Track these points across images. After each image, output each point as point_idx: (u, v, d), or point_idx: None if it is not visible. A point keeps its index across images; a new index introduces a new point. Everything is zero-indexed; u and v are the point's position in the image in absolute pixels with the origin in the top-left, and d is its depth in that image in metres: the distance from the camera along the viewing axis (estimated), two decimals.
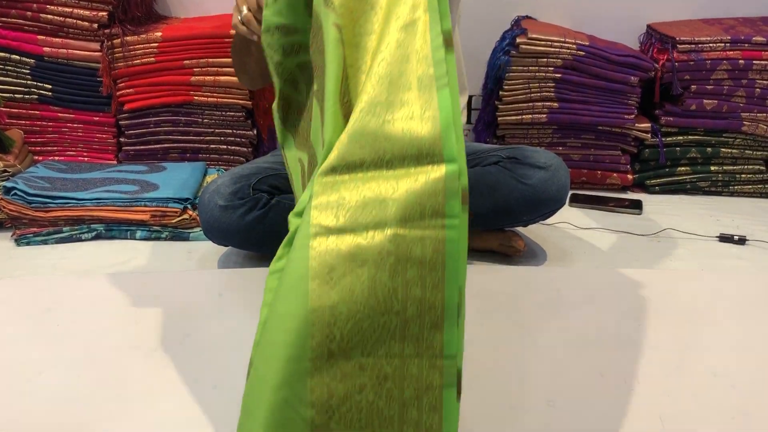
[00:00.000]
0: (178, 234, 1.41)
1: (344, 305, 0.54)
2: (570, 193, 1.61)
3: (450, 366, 0.56)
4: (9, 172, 1.48)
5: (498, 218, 1.28)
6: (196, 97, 1.67)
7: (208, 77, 1.65)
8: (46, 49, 1.63)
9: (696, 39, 1.67)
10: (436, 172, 0.55)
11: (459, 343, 0.56)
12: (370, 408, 0.55)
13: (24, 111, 1.69)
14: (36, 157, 1.71)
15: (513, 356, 0.96)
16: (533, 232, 1.44)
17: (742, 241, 1.41)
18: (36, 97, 1.68)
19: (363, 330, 0.54)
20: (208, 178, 1.60)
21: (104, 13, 1.61)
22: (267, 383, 0.54)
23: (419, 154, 0.56)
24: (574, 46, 1.64)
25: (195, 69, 1.65)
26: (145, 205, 1.40)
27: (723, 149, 1.72)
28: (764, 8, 1.85)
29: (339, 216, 0.55)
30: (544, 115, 1.70)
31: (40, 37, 1.62)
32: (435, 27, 0.58)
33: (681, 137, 1.72)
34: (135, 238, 1.41)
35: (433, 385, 0.56)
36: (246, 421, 0.58)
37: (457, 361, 0.56)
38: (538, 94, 1.69)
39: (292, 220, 0.61)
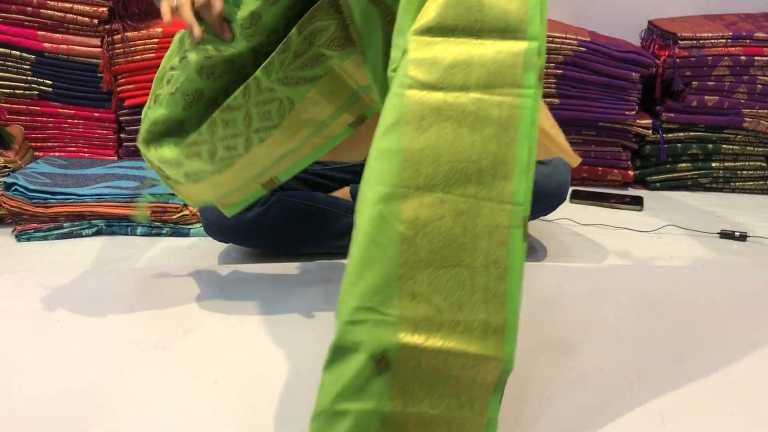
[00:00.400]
0: (179, 230, 1.41)
1: (430, 150, 0.63)
2: (571, 189, 1.61)
3: (517, 211, 0.65)
4: (9, 168, 1.48)
5: None
6: None
7: None
8: (46, 44, 1.62)
9: (697, 35, 1.66)
10: (519, 46, 0.63)
11: (527, 195, 0.65)
12: (448, 234, 0.65)
13: (24, 107, 1.69)
14: (36, 153, 1.71)
15: None
16: (534, 228, 1.44)
17: (743, 237, 1.41)
18: (36, 93, 1.68)
19: (444, 172, 0.64)
20: None
21: (104, 9, 1.61)
22: (370, 200, 0.65)
23: (506, 29, 0.63)
24: (575, 42, 1.64)
25: None
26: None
27: (724, 145, 1.72)
28: (766, 4, 1.84)
29: (432, 73, 0.63)
30: None
31: (40, 32, 1.62)
32: None
33: (682, 133, 1.72)
34: (135, 234, 1.41)
35: (502, 225, 0.65)
36: (354, 230, 0.68)
37: (524, 209, 0.65)
38: None
39: (390, 75, 0.69)
